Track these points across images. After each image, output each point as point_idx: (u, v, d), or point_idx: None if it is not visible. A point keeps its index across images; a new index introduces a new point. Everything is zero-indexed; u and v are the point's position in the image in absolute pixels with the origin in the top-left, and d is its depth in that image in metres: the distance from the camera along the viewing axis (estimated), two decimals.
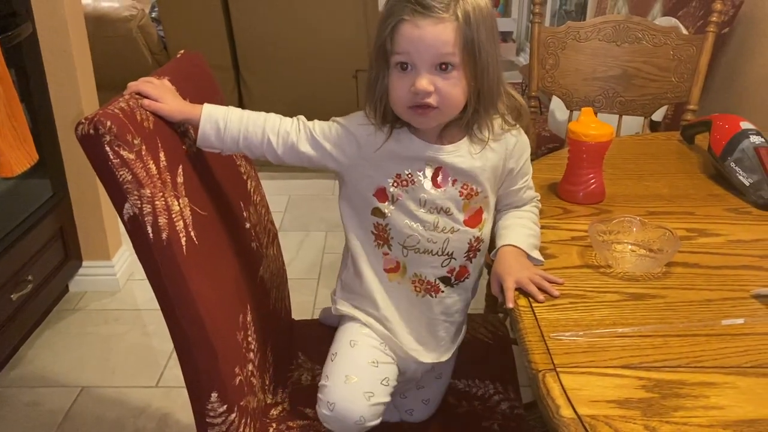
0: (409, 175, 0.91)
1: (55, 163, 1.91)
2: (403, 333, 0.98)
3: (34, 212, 1.83)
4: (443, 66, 0.83)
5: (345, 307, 1.01)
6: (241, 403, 0.95)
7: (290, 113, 3.24)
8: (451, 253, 0.94)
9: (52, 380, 1.74)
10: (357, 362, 0.94)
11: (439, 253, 0.94)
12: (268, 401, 1.09)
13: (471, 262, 0.97)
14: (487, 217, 0.96)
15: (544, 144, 2.12)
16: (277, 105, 3.56)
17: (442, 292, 0.97)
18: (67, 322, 1.97)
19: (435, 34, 0.81)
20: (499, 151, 0.93)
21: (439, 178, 0.91)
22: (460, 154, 0.90)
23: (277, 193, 2.76)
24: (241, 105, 3.14)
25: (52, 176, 1.92)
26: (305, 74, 3.01)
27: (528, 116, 0.94)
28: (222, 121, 0.90)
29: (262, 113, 0.93)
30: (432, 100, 0.84)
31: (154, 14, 3.23)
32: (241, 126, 0.91)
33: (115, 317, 1.99)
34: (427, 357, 1.00)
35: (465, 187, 0.92)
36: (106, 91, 2.01)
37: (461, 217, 0.93)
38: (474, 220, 0.94)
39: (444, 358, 1.02)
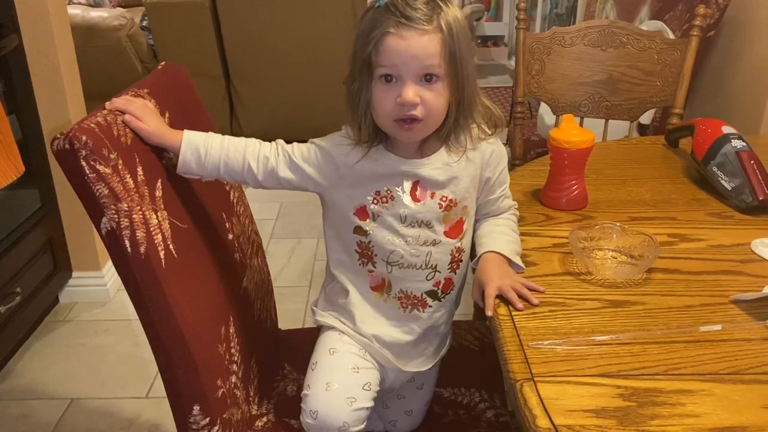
0: (388, 191, 0.91)
1: (44, 174, 1.91)
2: (385, 346, 0.98)
3: (23, 223, 1.83)
4: (428, 77, 0.84)
5: (324, 318, 1.01)
6: (224, 416, 0.95)
7: (281, 120, 3.23)
8: (435, 266, 0.94)
9: (42, 392, 1.74)
10: (337, 369, 0.94)
11: (423, 266, 0.94)
12: (253, 412, 1.09)
13: (455, 273, 0.97)
14: (468, 228, 0.96)
15: (533, 148, 2.12)
16: (267, 112, 3.60)
17: (430, 306, 0.97)
18: (56, 333, 1.97)
19: (421, 45, 0.82)
20: (476, 160, 0.93)
21: (418, 192, 0.91)
22: (436, 166, 0.91)
23: (268, 201, 2.76)
24: (232, 113, 3.16)
25: (40, 187, 1.91)
26: (295, 81, 3.02)
27: (503, 125, 0.94)
28: (203, 148, 0.90)
29: (242, 139, 0.93)
30: (418, 112, 0.84)
31: (144, 23, 3.23)
32: (222, 153, 0.91)
33: (105, 328, 1.99)
34: (408, 366, 1.00)
35: (444, 198, 0.92)
36: (96, 101, 1.99)
37: (442, 228, 0.93)
38: (455, 231, 0.94)
39: (424, 368, 1.02)
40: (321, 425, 0.90)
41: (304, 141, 0.95)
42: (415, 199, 0.91)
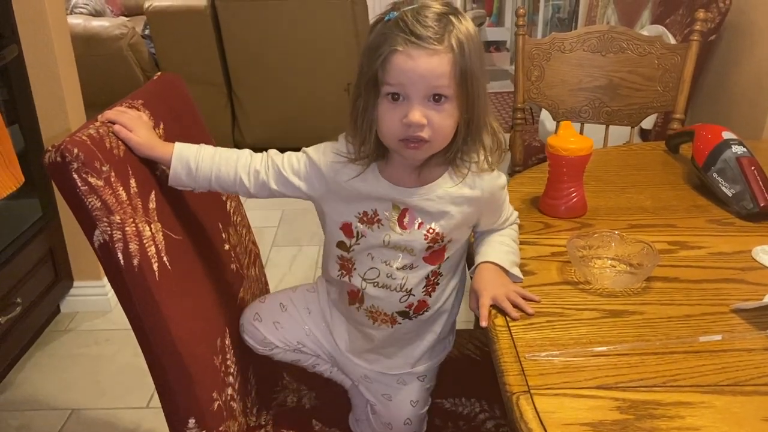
0: (375, 213, 0.89)
1: (44, 183, 1.91)
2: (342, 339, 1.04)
3: (23, 233, 1.83)
4: (436, 97, 0.80)
5: (319, 279, 1.08)
6: (221, 428, 0.94)
7: (283, 128, 3.22)
8: (410, 290, 0.93)
9: (42, 403, 1.73)
10: (277, 297, 1.08)
11: (398, 289, 0.93)
12: (251, 424, 1.08)
13: (430, 296, 0.95)
14: (450, 255, 0.93)
15: (534, 154, 2.11)
16: (269, 120, 3.60)
17: (399, 323, 0.96)
18: (57, 343, 1.96)
19: (430, 66, 0.78)
20: (474, 199, 0.89)
21: (406, 220, 0.89)
22: (429, 197, 0.88)
23: (270, 209, 2.75)
24: (234, 121, 3.16)
25: (41, 197, 1.91)
26: (297, 89, 3.02)
27: (505, 148, 0.90)
28: (194, 162, 0.89)
29: (235, 151, 0.92)
30: (424, 133, 0.81)
31: (146, 32, 3.24)
32: (213, 166, 0.90)
33: (106, 337, 1.98)
34: (353, 353, 1.02)
35: (431, 231, 0.89)
36: (97, 110, 1.98)
37: (422, 255, 0.91)
38: (435, 258, 0.92)
39: (372, 365, 1.02)
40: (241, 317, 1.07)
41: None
42: (402, 226, 0.89)
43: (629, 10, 2.54)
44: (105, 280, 2.10)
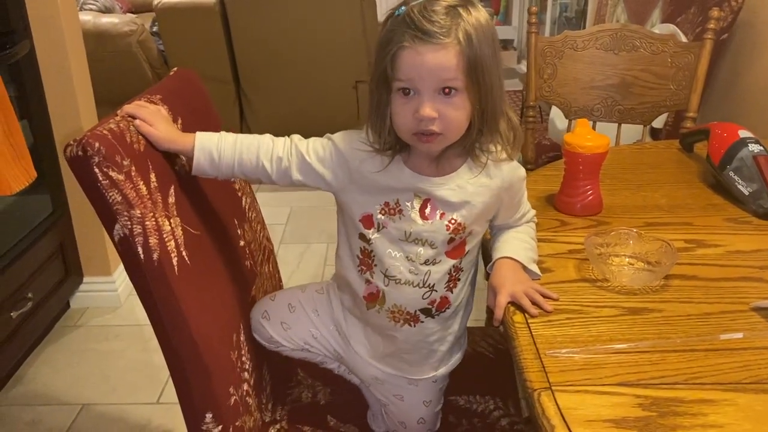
0: (397, 204, 0.89)
1: (55, 179, 1.91)
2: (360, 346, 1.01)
3: (34, 229, 1.83)
4: (446, 90, 0.80)
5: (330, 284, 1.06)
6: (237, 423, 0.94)
7: (291, 125, 3.24)
8: (432, 285, 0.92)
9: (53, 398, 1.74)
10: (286, 297, 1.07)
11: (420, 285, 0.92)
12: (266, 420, 1.08)
13: (452, 292, 0.94)
14: (470, 249, 0.93)
15: (545, 152, 2.11)
16: (278, 117, 3.59)
17: (422, 322, 0.95)
18: (68, 338, 1.97)
19: (437, 60, 0.78)
20: (494, 187, 0.90)
21: (427, 211, 0.89)
22: (450, 187, 0.88)
23: (278, 205, 2.76)
24: (242, 118, 3.16)
25: (51, 193, 1.92)
26: (306, 86, 3.02)
27: (522, 139, 0.90)
28: (216, 151, 0.89)
29: (256, 136, 0.92)
30: (436, 127, 0.81)
31: (155, 29, 3.24)
32: (235, 154, 0.90)
33: (116, 333, 1.99)
34: (363, 352, 1.01)
35: (452, 221, 0.89)
36: (106, 107, 1.99)
37: (444, 248, 0.91)
38: (456, 252, 0.92)
39: (387, 369, 1.00)
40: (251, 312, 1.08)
41: None
42: (423, 217, 0.89)
43: (639, 9, 2.53)
44: (115, 275, 2.10)
